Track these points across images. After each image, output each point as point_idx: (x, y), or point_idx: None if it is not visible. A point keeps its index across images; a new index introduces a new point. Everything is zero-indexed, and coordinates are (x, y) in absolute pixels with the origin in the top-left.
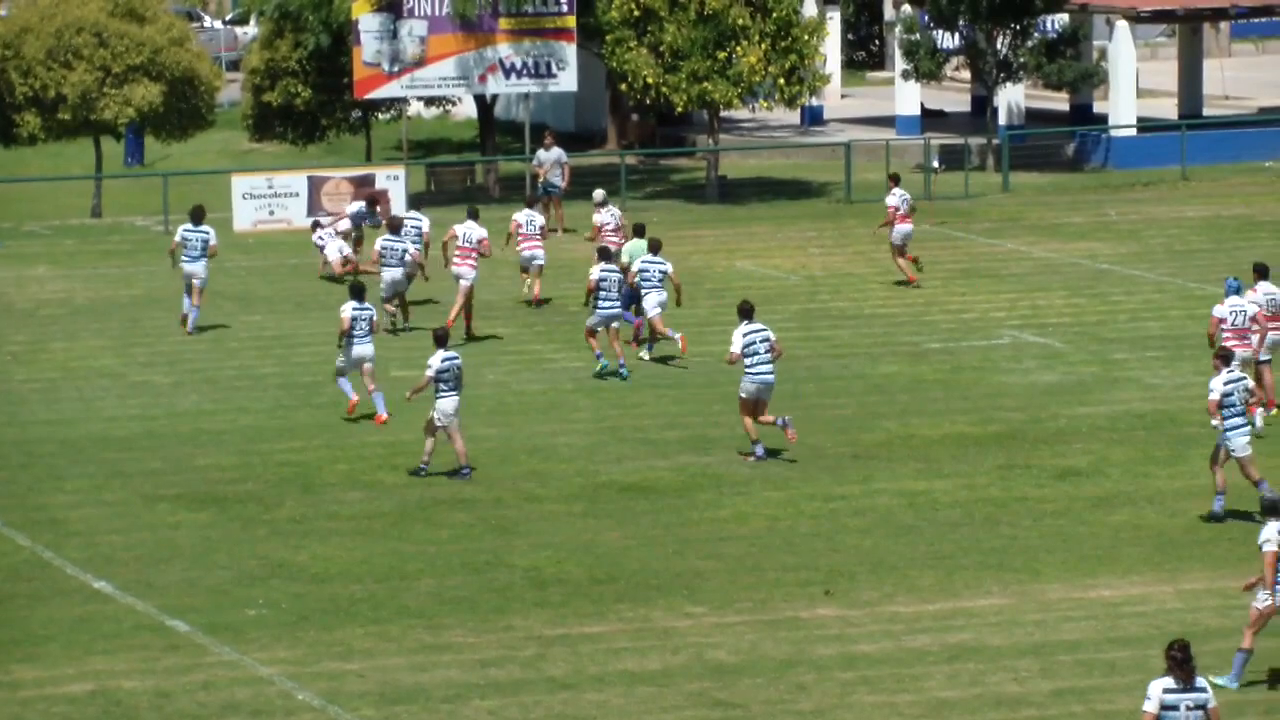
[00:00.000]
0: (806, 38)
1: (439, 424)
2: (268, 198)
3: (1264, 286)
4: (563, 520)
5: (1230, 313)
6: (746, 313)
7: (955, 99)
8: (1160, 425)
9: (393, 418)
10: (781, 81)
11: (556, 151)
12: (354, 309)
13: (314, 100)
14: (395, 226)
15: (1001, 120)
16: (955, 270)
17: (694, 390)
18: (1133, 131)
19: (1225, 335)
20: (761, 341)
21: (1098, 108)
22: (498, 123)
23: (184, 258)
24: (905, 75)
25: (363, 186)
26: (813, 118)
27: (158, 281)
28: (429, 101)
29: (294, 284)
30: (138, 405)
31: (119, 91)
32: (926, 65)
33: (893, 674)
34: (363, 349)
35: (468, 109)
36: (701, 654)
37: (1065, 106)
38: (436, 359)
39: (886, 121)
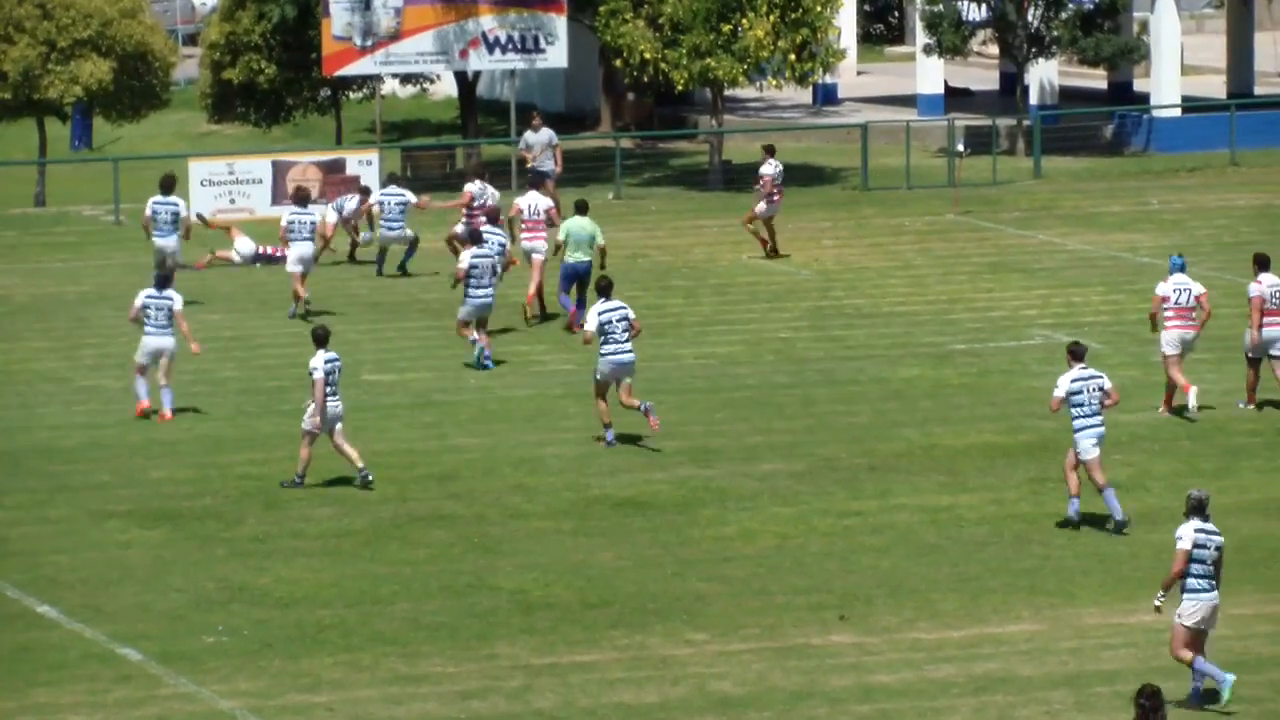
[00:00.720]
0: (819, 9)
1: (319, 430)
2: (228, 184)
3: (1267, 278)
4: (551, 539)
5: (1174, 290)
6: (604, 290)
7: (982, 76)
8: (1207, 435)
9: (369, 427)
10: (792, 57)
11: (546, 133)
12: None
13: (279, 78)
14: (303, 198)
15: (1033, 99)
16: (982, 264)
17: (695, 396)
18: (1177, 112)
19: (1168, 314)
20: (619, 320)
21: (1138, 86)
22: (480, 103)
23: (155, 233)
24: (927, 50)
25: (333, 173)
26: (826, 97)
27: (107, 276)
28: (405, 79)
29: (257, 280)
30: (85, 412)
31: (65, 68)
32: (951, 39)
33: (914, 707)
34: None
35: (447, 87)
36: (704, 685)
37: (1103, 84)
38: (319, 360)
39: (907, 101)
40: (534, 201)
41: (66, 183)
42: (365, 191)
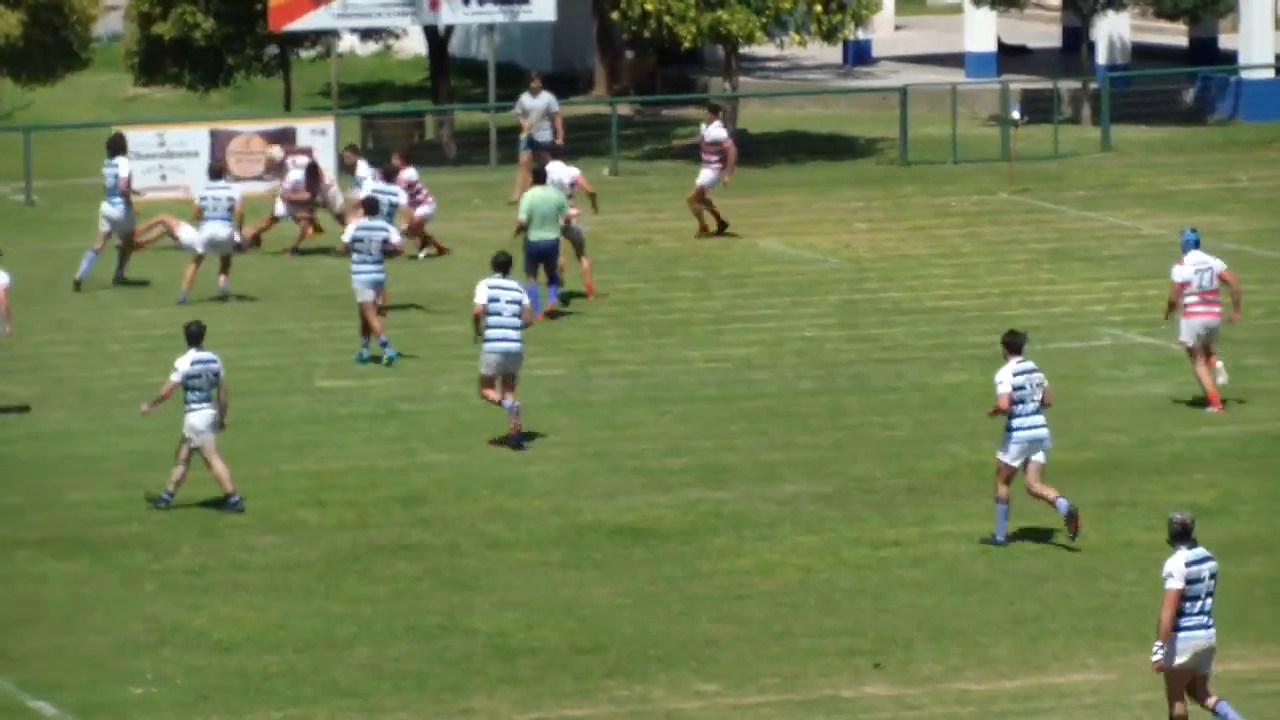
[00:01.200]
0: None
1: (191, 444)
2: (159, 157)
3: None
4: (536, 572)
5: (1196, 272)
6: (500, 266)
7: (1041, 31)
8: None
9: (323, 441)
10: (818, 9)
11: (545, 98)
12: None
13: (218, 33)
14: (218, 171)
15: (1100, 59)
16: (1041, 251)
17: (705, 406)
18: (1269, 74)
19: (1190, 300)
20: (509, 303)
21: (1224, 43)
22: (454, 62)
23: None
24: (977, 1)
25: (280, 144)
26: (858, 56)
27: (18, 266)
28: (365, 35)
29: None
30: None
31: None
32: None
33: None
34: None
35: (415, 44)
36: None
37: (1183, 41)
38: (185, 360)
39: (953, 60)
40: (559, 175)
41: None
42: (313, 168)
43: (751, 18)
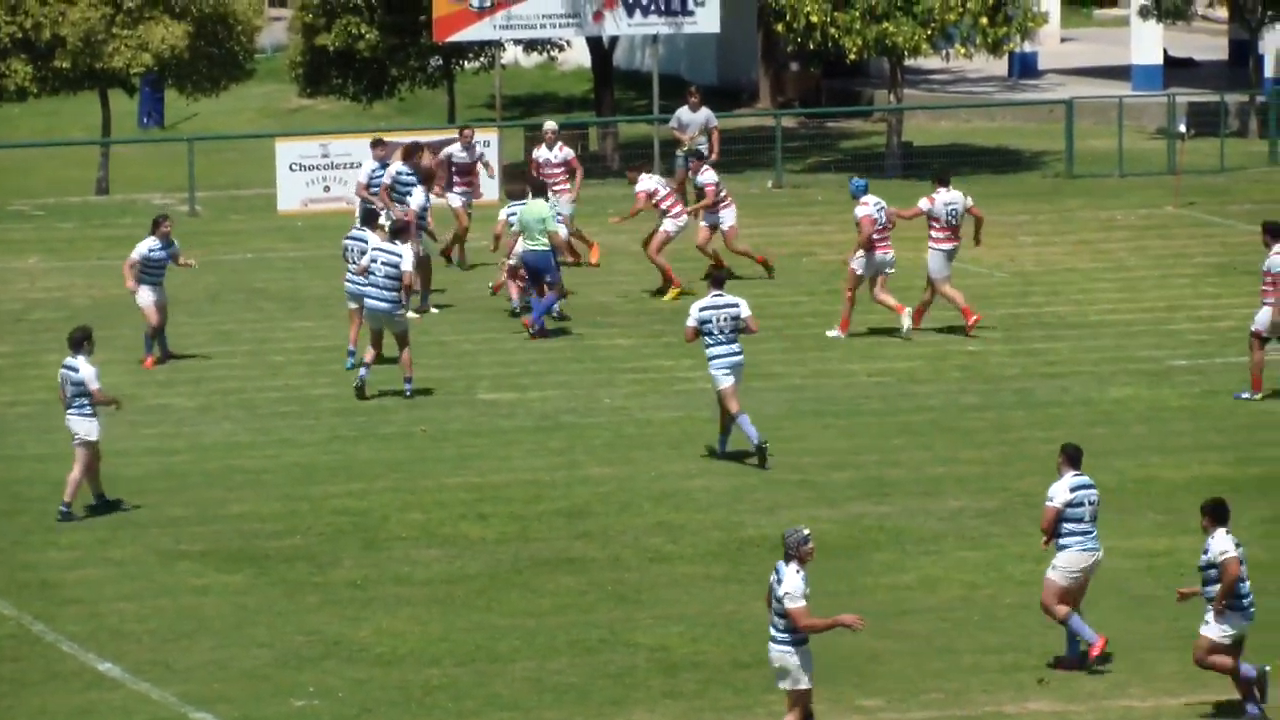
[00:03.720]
0: None
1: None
2: (322, 169)
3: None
4: (699, 586)
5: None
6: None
7: (1208, 44)
8: None
9: (486, 454)
10: (984, 21)
11: (705, 113)
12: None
13: (382, 44)
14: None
15: (1268, 72)
16: (1207, 265)
17: (868, 419)
18: None
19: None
20: (384, 264)
21: None
22: (617, 74)
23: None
24: (1144, 13)
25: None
26: (1024, 68)
27: (180, 277)
28: (529, 46)
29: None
30: (154, 436)
31: (132, 33)
32: (1172, 1)
33: None
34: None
35: (579, 56)
36: None
37: None
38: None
39: (1119, 73)
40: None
41: (133, 166)
42: (415, 149)
43: (917, 30)
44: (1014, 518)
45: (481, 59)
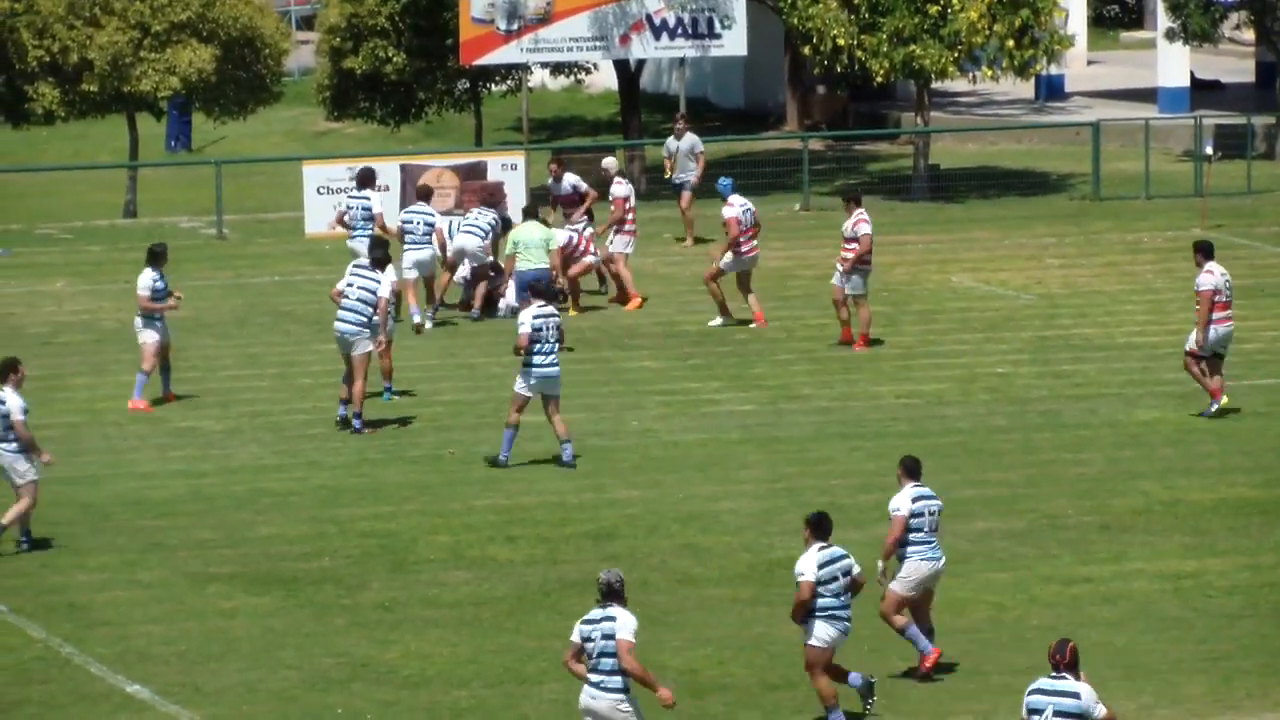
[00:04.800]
0: None
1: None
2: (349, 192)
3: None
4: (727, 608)
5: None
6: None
7: (1235, 67)
8: None
9: (513, 476)
10: (1010, 44)
11: (690, 139)
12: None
13: (409, 67)
14: (424, 194)
15: None
16: (1235, 288)
17: (896, 441)
18: None
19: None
20: (360, 288)
21: None
22: (644, 97)
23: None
24: (1170, 36)
25: (471, 179)
26: (1050, 91)
27: (208, 300)
28: (556, 69)
29: None
30: (182, 458)
31: (160, 56)
32: (1199, 23)
33: None
34: None
35: (606, 79)
36: None
37: None
38: None
39: (1146, 96)
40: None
41: (161, 190)
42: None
43: (944, 53)
44: (1041, 540)
45: (508, 82)
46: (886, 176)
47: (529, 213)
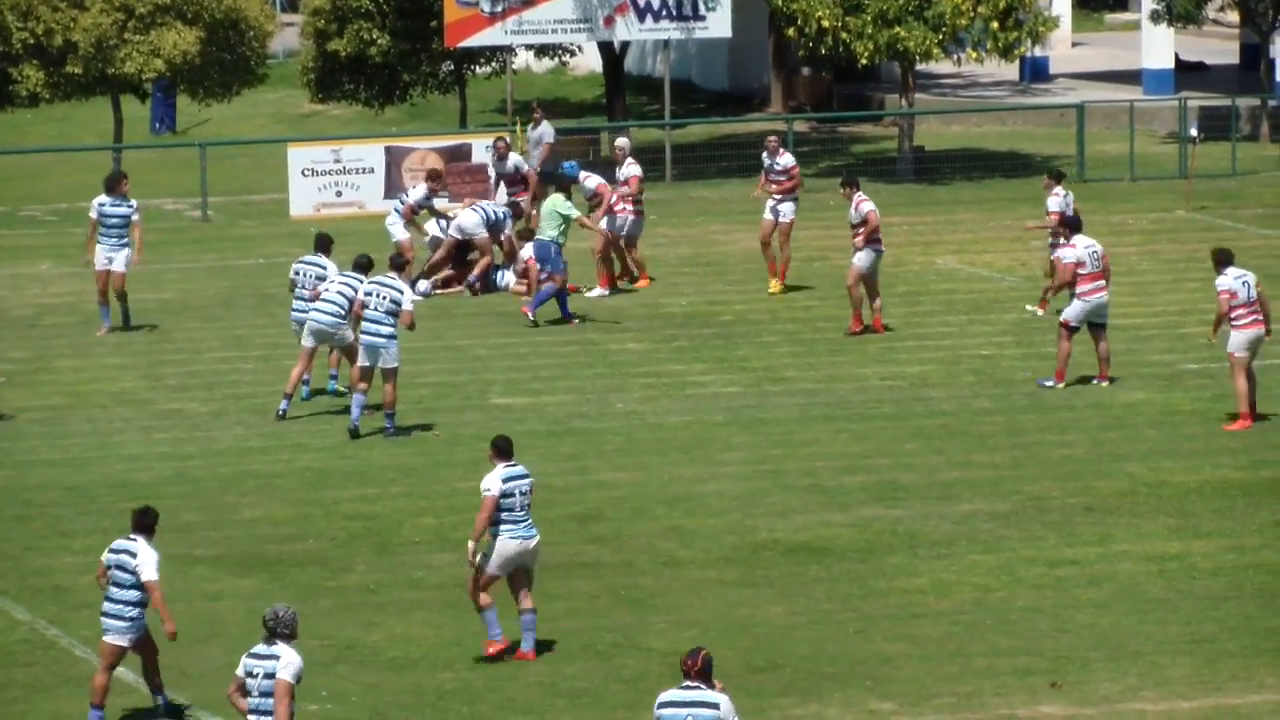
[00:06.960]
0: None
1: None
2: (334, 174)
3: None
4: (711, 590)
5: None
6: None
7: (1219, 49)
8: None
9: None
10: (995, 25)
11: (541, 128)
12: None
13: (393, 49)
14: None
15: (1279, 76)
16: None
17: (880, 424)
18: None
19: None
20: (388, 299)
21: None
22: (629, 79)
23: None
24: (1155, 18)
25: (456, 160)
26: (1035, 73)
27: (193, 282)
28: (541, 51)
29: None
30: (167, 441)
31: (144, 38)
32: (1183, 5)
33: None
34: None
35: (590, 61)
36: None
37: None
38: None
39: (1130, 77)
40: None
41: (146, 172)
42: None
43: (929, 35)
44: (1026, 521)
45: (493, 64)
46: (871, 158)
47: (548, 179)
